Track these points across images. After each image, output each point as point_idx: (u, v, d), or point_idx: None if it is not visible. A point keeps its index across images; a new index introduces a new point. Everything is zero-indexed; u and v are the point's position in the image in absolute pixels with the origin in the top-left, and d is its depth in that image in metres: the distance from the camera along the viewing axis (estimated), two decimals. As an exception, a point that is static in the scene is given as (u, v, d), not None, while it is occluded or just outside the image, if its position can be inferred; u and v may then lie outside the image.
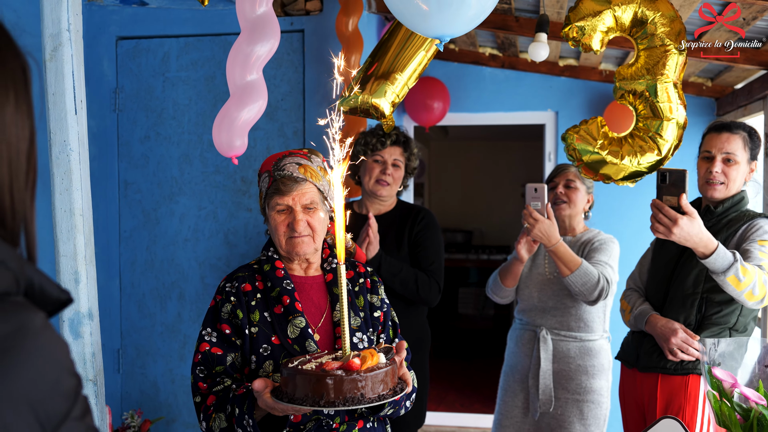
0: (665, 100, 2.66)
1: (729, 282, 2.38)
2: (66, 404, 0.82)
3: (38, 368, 0.80)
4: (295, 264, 2.04)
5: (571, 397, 3.08)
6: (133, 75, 3.79)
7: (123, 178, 3.81)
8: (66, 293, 0.88)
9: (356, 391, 1.58)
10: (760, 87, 3.83)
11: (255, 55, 2.23)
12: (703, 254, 2.39)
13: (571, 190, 3.19)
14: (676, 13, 2.67)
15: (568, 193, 3.19)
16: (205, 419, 1.88)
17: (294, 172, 1.95)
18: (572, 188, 3.19)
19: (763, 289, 2.40)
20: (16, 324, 0.79)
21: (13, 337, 0.79)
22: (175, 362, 3.78)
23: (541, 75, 5.01)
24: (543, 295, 3.16)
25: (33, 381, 0.79)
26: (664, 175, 2.45)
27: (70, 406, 0.82)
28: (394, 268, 2.93)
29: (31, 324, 0.81)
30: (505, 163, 9.04)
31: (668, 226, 2.38)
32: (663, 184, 2.46)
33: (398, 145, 3.10)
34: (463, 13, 1.75)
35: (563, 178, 3.20)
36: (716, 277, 2.40)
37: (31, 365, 0.79)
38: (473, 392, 6.14)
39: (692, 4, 3.12)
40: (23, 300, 0.83)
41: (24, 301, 0.83)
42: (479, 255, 7.98)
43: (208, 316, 1.99)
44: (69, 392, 0.83)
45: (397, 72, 2.59)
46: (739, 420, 1.82)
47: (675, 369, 2.64)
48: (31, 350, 0.79)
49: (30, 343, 0.80)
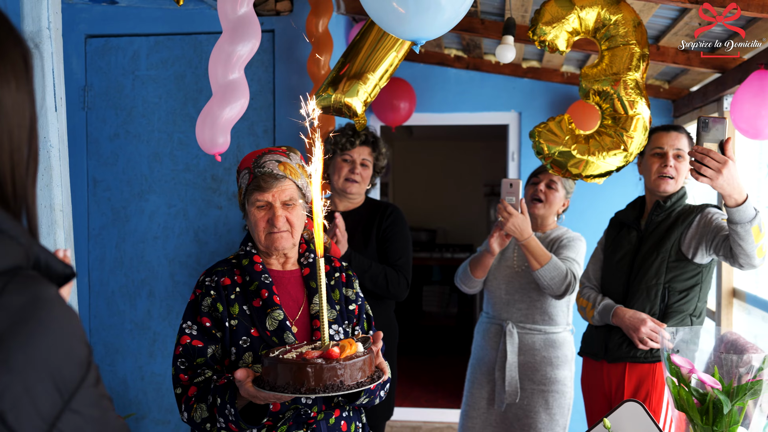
0: (629, 98, 2.78)
1: (752, 232, 2.39)
2: (80, 371, 0.86)
3: (54, 337, 0.84)
4: (273, 259, 2.10)
5: (536, 387, 3.19)
6: (102, 73, 3.79)
7: (92, 176, 3.81)
8: (70, 268, 0.93)
9: (336, 378, 1.64)
10: (714, 90, 3.98)
11: (237, 54, 2.29)
12: (737, 202, 2.37)
13: (551, 191, 3.29)
14: (638, 16, 2.79)
15: (547, 192, 3.29)
16: (187, 410, 1.93)
17: (274, 170, 2.01)
18: (553, 189, 3.28)
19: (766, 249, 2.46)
20: (32, 295, 0.84)
21: (30, 307, 0.83)
22: (145, 359, 3.80)
23: (504, 76, 5.12)
24: (510, 287, 3.26)
25: (49, 349, 0.83)
26: (706, 123, 2.40)
27: (84, 373, 0.86)
28: (364, 265, 3.00)
29: (46, 295, 0.85)
30: (469, 163, 9.16)
31: (718, 169, 2.33)
32: (704, 132, 2.40)
33: (367, 145, 3.18)
34: (438, 17, 1.83)
35: (547, 177, 3.30)
36: (738, 227, 2.40)
37: (48, 334, 0.83)
38: (437, 388, 6.24)
39: (651, 9, 3.24)
40: (35, 273, 0.87)
41: (36, 274, 0.87)
42: (443, 253, 8.09)
43: (188, 309, 2.04)
44: (83, 360, 0.87)
45: (369, 72, 2.66)
46: (696, 404, 1.93)
47: (645, 357, 2.77)
48: (47, 320, 0.84)
49: (45, 313, 0.84)
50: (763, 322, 3.60)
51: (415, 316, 8.18)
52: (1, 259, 0.84)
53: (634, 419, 1.81)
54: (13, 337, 0.81)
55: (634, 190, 3.40)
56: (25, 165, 0.92)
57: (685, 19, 3.30)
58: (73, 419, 0.84)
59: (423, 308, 8.29)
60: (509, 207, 3.07)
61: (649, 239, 2.85)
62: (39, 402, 0.81)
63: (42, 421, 0.82)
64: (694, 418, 1.93)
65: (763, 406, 1.95)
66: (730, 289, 4.03)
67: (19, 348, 0.81)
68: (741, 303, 3.91)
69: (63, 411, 0.83)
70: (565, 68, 4.95)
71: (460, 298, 8.09)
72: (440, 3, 1.84)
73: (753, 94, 3.07)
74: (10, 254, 0.85)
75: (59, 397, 0.83)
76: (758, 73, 3.09)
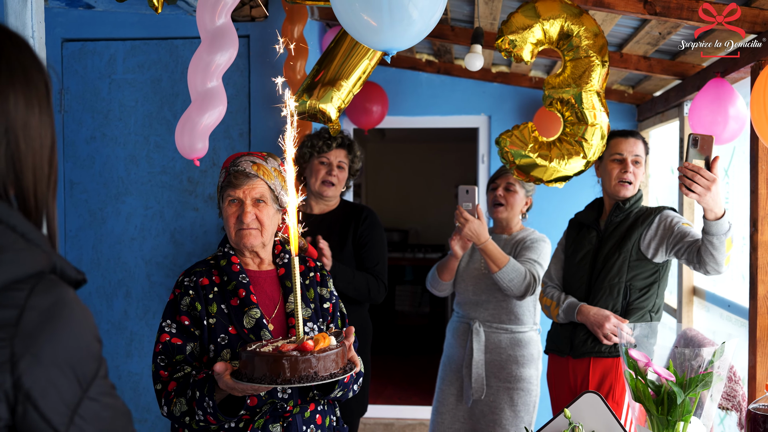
0: (590, 107, 2.90)
1: (725, 243, 2.52)
2: (96, 365, 0.98)
3: (75, 334, 0.96)
4: (249, 259, 2.19)
5: (502, 385, 3.30)
6: (78, 76, 3.84)
7: (69, 178, 3.86)
8: (81, 274, 1.04)
9: (310, 369, 1.73)
10: (675, 95, 4.12)
11: (215, 63, 2.38)
12: (716, 216, 2.49)
13: (510, 193, 3.40)
14: (599, 27, 2.91)
15: (506, 196, 3.40)
16: (167, 404, 2.01)
17: (247, 168, 2.10)
18: (511, 191, 3.39)
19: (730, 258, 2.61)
20: (56, 297, 0.95)
21: (54, 308, 0.94)
22: (122, 359, 3.85)
23: (474, 81, 5.24)
24: (477, 288, 3.37)
25: (71, 344, 0.95)
26: (696, 140, 2.50)
27: (98, 366, 0.98)
28: (348, 276, 3.10)
29: (67, 297, 0.97)
30: (440, 165, 9.28)
31: (707, 187, 2.43)
32: (694, 148, 2.50)
33: (343, 148, 3.27)
34: (409, 29, 1.93)
35: (504, 180, 3.41)
36: (714, 238, 2.52)
37: (70, 332, 0.95)
38: (410, 386, 6.34)
39: (613, 19, 3.37)
40: (56, 277, 0.98)
41: (57, 279, 0.98)
42: (415, 253, 8.19)
43: (167, 308, 2.12)
44: (97, 355, 0.99)
45: (342, 79, 2.76)
46: (651, 395, 2.04)
47: (609, 352, 2.90)
48: (69, 319, 0.95)
49: (67, 313, 0.96)
50: (721, 318, 3.74)
51: (387, 315, 8.27)
52: (30, 265, 0.95)
53: (593, 410, 1.92)
54: (43, 334, 0.92)
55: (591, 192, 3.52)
56: (46, 181, 1.03)
57: (646, 29, 3.44)
58: (92, 406, 0.97)
59: (396, 308, 8.38)
60: (465, 213, 3.16)
61: (609, 239, 2.98)
62: (63, 391, 0.94)
63: (66, 408, 0.94)
64: (650, 408, 2.04)
65: (714, 396, 2.07)
66: (690, 288, 4.18)
67: (47, 343, 0.93)
68: (701, 301, 4.06)
69: (83, 399, 0.95)
70: (534, 73, 5.08)
71: (432, 297, 8.20)
72: (411, 16, 1.93)
73: (710, 100, 3.21)
74: (37, 260, 0.96)
75: (79, 386, 0.95)
76: (715, 81, 3.23)
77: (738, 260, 3.58)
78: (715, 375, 1.99)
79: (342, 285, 3.06)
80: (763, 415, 1.97)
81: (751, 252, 2.87)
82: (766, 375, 2.81)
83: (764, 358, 2.82)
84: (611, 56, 3.96)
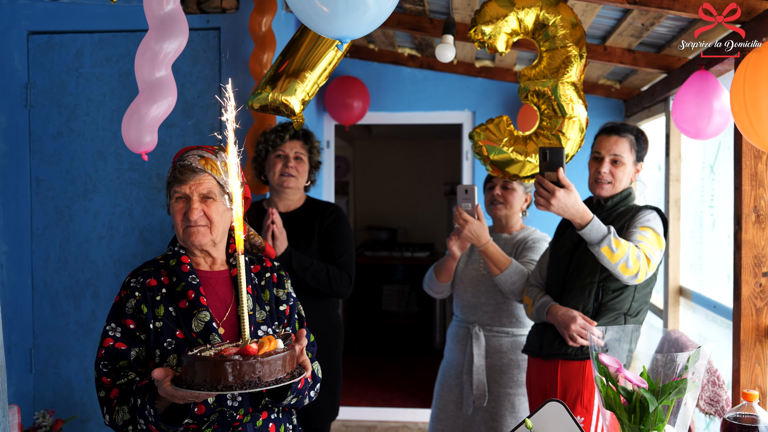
0: (567, 100, 2.79)
1: (603, 253, 2.57)
2: None
3: None
4: (200, 258, 2.07)
5: (503, 390, 3.17)
6: (45, 70, 3.72)
7: (35, 175, 3.74)
8: None
9: (254, 374, 1.61)
10: (661, 90, 4.02)
11: (163, 52, 2.25)
12: (580, 225, 2.61)
13: (508, 191, 3.26)
14: (577, 18, 2.80)
15: (504, 194, 3.27)
16: (109, 412, 1.89)
17: (194, 163, 1.98)
18: (509, 189, 3.26)
19: (637, 264, 2.59)
20: None
21: None
22: (90, 360, 3.73)
23: (458, 75, 5.13)
24: (476, 291, 3.25)
25: None
26: (545, 153, 2.62)
27: None
28: (305, 262, 2.98)
29: None
30: (428, 162, 9.17)
31: (547, 198, 2.58)
32: (544, 162, 2.62)
33: (298, 139, 3.15)
34: (363, 16, 1.81)
35: (501, 179, 3.29)
36: (592, 249, 2.61)
37: None
38: (395, 387, 6.23)
39: (594, 9, 3.26)
40: None
41: None
42: (403, 252, 8.08)
43: (112, 311, 2.01)
44: None
45: (307, 70, 2.64)
46: (623, 402, 1.94)
47: (576, 354, 2.78)
48: None
49: None
50: (707, 320, 3.64)
51: (375, 315, 8.17)
52: None
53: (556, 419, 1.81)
54: None
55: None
56: None
57: (628, 20, 3.33)
58: None
59: (383, 307, 8.28)
60: (464, 214, 3.03)
61: (586, 238, 2.86)
62: None
63: None
64: (621, 417, 1.93)
65: (689, 404, 1.96)
66: (677, 288, 4.08)
67: None
68: (687, 301, 3.96)
69: None
70: (518, 68, 4.97)
71: (420, 297, 8.09)
72: (366, 2, 1.82)
73: (694, 94, 3.09)
74: None
75: None
76: (699, 74, 3.11)
77: (723, 260, 3.47)
78: (690, 381, 1.88)
79: (298, 270, 2.94)
80: (740, 426, 1.85)
81: (735, 251, 2.75)
82: (750, 379, 2.70)
83: (748, 361, 2.71)
84: (595, 49, 3.85)
